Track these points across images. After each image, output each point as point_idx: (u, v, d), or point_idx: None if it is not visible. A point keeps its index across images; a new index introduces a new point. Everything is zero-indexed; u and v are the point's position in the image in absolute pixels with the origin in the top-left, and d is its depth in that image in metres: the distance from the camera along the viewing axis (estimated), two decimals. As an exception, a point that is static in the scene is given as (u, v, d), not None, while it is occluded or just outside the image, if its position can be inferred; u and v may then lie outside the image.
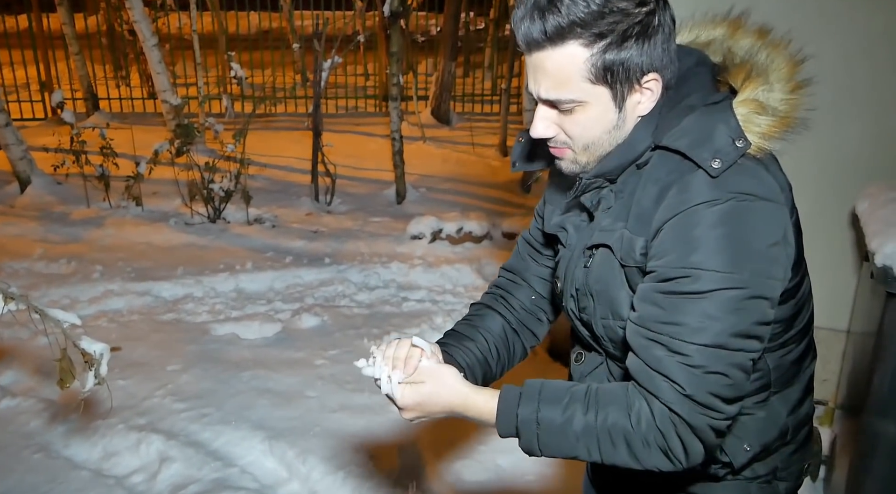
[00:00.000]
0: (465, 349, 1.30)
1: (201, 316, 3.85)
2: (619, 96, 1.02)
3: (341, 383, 3.15)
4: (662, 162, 1.03)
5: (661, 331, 0.99)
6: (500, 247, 4.87)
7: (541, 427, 1.04)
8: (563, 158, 1.11)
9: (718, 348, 0.96)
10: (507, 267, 1.42)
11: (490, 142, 7.98)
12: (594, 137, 1.06)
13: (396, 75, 5.89)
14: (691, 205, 0.97)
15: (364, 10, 8.96)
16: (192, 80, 9.49)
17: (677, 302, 0.98)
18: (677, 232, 0.98)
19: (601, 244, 1.10)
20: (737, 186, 0.97)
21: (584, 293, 1.14)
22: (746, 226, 0.96)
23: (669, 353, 0.98)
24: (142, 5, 6.50)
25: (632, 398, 1.01)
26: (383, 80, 9.60)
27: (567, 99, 1.02)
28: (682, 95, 1.04)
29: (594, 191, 1.11)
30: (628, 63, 0.99)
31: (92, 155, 5.52)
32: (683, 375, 0.97)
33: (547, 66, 1.00)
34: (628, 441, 1.00)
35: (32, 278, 4.29)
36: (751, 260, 0.97)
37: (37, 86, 8.90)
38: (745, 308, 0.97)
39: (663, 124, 1.03)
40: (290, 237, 5.03)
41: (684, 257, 0.97)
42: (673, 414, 0.97)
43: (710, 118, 1.01)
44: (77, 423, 2.84)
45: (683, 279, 0.97)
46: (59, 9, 8.52)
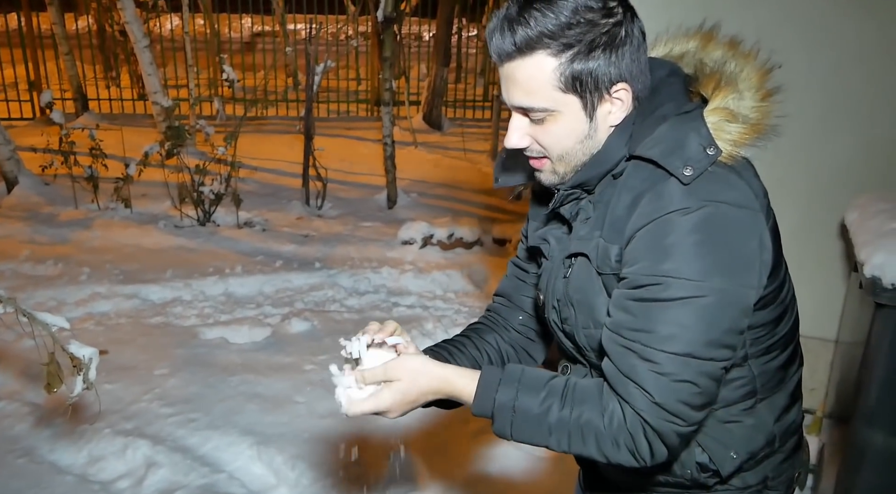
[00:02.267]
0: (460, 350, 1.32)
1: (190, 320, 3.83)
2: (590, 105, 1.04)
3: (331, 388, 3.12)
4: (636, 171, 1.04)
5: (632, 338, 1.00)
6: (491, 254, 4.88)
7: (516, 414, 1.06)
8: (542, 170, 1.13)
9: (688, 357, 0.97)
10: (499, 292, 1.44)
11: (481, 148, 8.00)
12: (567, 147, 1.07)
13: (389, 80, 5.90)
14: (664, 213, 0.98)
15: (357, 15, 8.97)
16: (184, 82, 9.46)
17: (649, 310, 0.99)
18: (650, 239, 0.99)
19: (579, 253, 1.11)
20: (709, 194, 0.98)
21: (564, 303, 1.16)
22: (720, 233, 0.97)
23: (641, 360, 0.99)
24: (134, 6, 6.49)
25: (606, 399, 1.03)
26: (375, 84, 9.61)
27: (538, 107, 1.04)
28: (655, 105, 1.06)
29: (573, 202, 1.13)
30: (596, 72, 1.01)
31: (81, 156, 5.50)
32: (654, 383, 0.98)
33: (517, 75, 1.03)
34: (598, 439, 1.02)
35: (18, 280, 4.26)
36: (724, 268, 0.97)
37: (25, 85, 8.85)
38: (716, 316, 0.97)
39: (637, 134, 1.05)
40: (281, 241, 5.02)
41: (656, 264, 0.98)
42: (643, 421, 0.99)
43: (682, 127, 1.02)
44: (62, 427, 2.81)
45: (655, 286, 0.98)
46: (50, 8, 8.49)
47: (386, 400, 1.13)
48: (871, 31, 2.60)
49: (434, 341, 3.65)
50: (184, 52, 8.36)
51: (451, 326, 3.75)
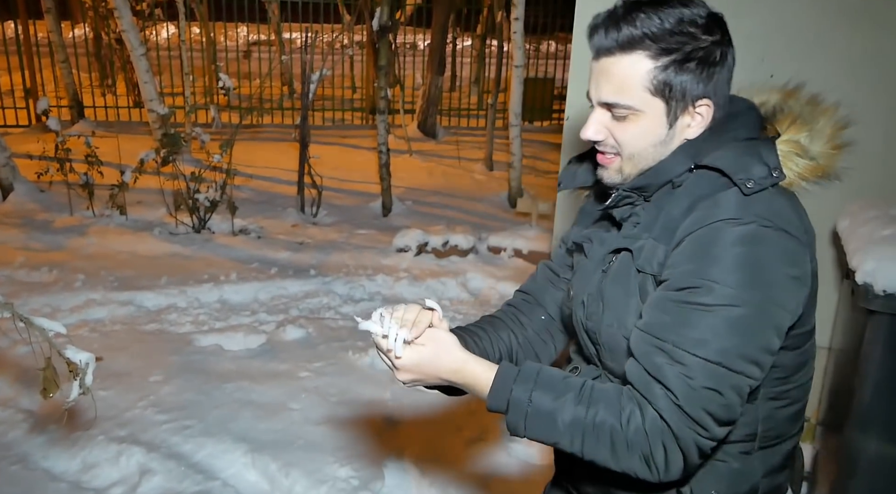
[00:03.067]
0: (475, 340, 1.32)
1: (185, 327, 3.81)
2: (672, 113, 1.08)
3: (325, 395, 3.14)
4: (698, 180, 1.08)
5: (665, 339, 1.00)
6: (486, 262, 4.88)
7: (531, 409, 1.05)
8: (608, 167, 1.15)
9: (718, 365, 0.98)
10: (523, 289, 1.45)
11: (476, 156, 8.02)
12: (640, 148, 1.10)
13: (384, 89, 5.92)
14: (716, 220, 1.01)
15: (353, 24, 8.99)
16: (180, 90, 9.47)
17: (686, 312, 1.00)
18: (698, 244, 1.02)
19: (623, 248, 1.13)
20: (763, 212, 1.01)
21: (595, 298, 1.17)
22: (766, 251, 1.00)
23: (670, 362, 0.99)
24: (130, 15, 6.49)
25: (625, 401, 1.02)
26: (370, 93, 9.63)
27: (625, 104, 1.07)
28: (729, 129, 1.10)
29: (627, 205, 1.16)
30: (686, 83, 1.05)
31: (76, 163, 5.48)
32: (680, 386, 0.98)
33: (612, 70, 1.06)
34: (613, 441, 1.01)
35: (13, 286, 4.24)
36: (764, 285, 0.99)
37: (22, 93, 8.84)
38: (751, 330, 0.99)
39: (706, 150, 1.08)
40: (276, 248, 5.02)
41: (701, 269, 1.00)
42: (662, 422, 0.98)
43: (753, 148, 1.07)
44: (56, 434, 2.80)
45: (696, 289, 1.00)
46: (47, 16, 8.48)
47: (404, 357, 1.12)
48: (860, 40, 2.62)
49: (429, 348, 3.65)
50: (180, 60, 8.37)
51: (445, 333, 3.75)
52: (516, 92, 6.30)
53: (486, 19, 10.15)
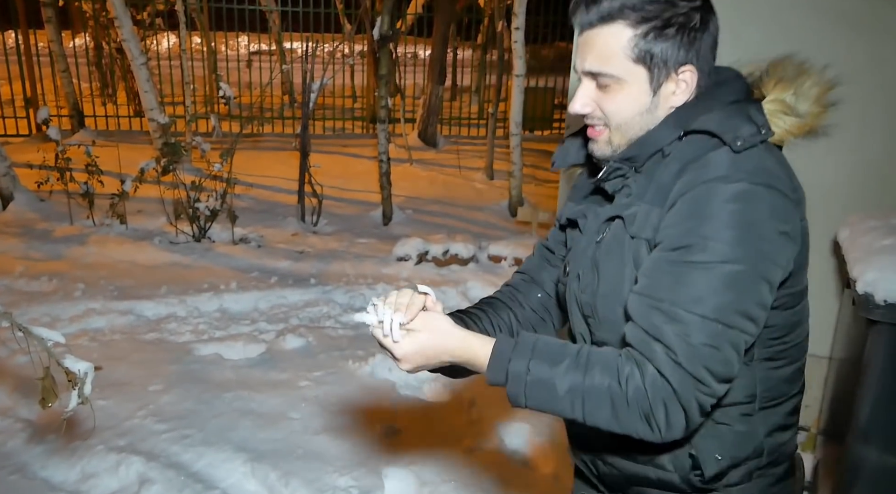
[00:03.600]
0: (475, 322, 1.34)
1: (184, 336, 3.81)
2: (655, 80, 1.11)
3: (325, 405, 3.13)
4: (688, 144, 1.10)
5: (662, 298, 1.02)
6: (486, 270, 4.88)
7: (529, 380, 1.07)
8: (597, 140, 1.18)
9: (715, 321, 0.99)
10: (522, 270, 1.48)
11: (476, 165, 8.03)
12: (627, 117, 1.13)
13: (384, 98, 5.93)
14: (708, 180, 1.03)
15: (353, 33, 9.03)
16: (180, 99, 9.50)
17: (682, 271, 1.01)
18: (691, 203, 1.03)
19: (616, 216, 1.15)
20: (753, 169, 1.03)
21: (589, 270, 1.19)
22: (757, 208, 1.01)
23: (668, 321, 1.00)
24: (131, 24, 6.52)
25: (623, 361, 1.03)
26: (371, 102, 9.66)
27: (609, 73, 1.10)
28: (717, 96, 1.13)
29: (618, 178, 1.17)
30: (667, 49, 1.08)
31: (77, 172, 5.49)
32: (679, 343, 0.99)
33: (595, 41, 1.10)
34: (613, 402, 1.01)
35: (12, 296, 4.24)
36: (757, 241, 1.01)
37: (22, 102, 8.87)
38: (745, 286, 1.00)
39: (693, 115, 1.11)
40: (276, 257, 5.02)
41: (695, 228, 1.02)
42: (663, 380, 0.99)
43: (741, 109, 1.09)
44: (55, 444, 2.79)
45: (690, 247, 1.01)
46: (48, 26, 8.52)
47: (404, 347, 1.14)
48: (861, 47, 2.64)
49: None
50: (181, 69, 8.40)
51: (446, 342, 3.75)
52: (517, 101, 6.32)
53: (487, 29, 10.19)
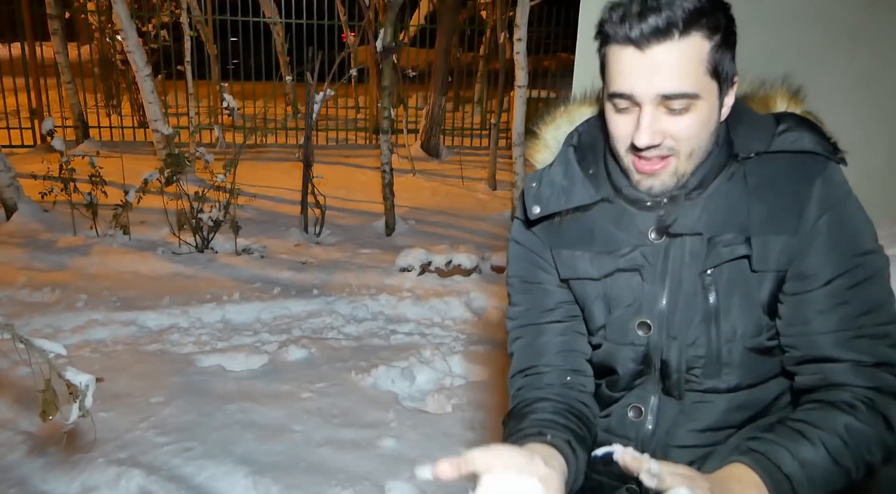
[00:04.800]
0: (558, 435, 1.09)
1: (186, 347, 3.79)
2: (721, 94, 1.04)
3: (328, 417, 3.11)
4: (773, 164, 1.06)
5: (862, 324, 1.01)
6: (489, 281, 4.86)
7: (805, 474, 0.96)
8: (660, 174, 1.05)
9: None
10: (517, 370, 1.23)
11: (479, 175, 8.03)
12: (701, 139, 1.03)
13: (387, 109, 5.94)
14: (839, 198, 1.04)
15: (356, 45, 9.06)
16: (184, 110, 9.52)
17: (862, 292, 1.02)
18: (839, 227, 1.03)
19: (733, 258, 1.06)
20: (842, 173, 1.08)
21: (702, 322, 1.08)
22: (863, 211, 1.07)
23: (879, 342, 1.01)
24: (136, 36, 6.54)
25: (841, 410, 1.01)
26: (374, 112, 9.68)
27: (690, 92, 0.98)
28: (745, 113, 1.10)
29: (675, 206, 1.08)
30: (727, 59, 1.01)
31: (81, 183, 5.50)
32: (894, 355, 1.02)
33: (667, 59, 0.97)
34: (870, 441, 0.99)
35: (15, 306, 4.23)
36: (876, 238, 1.06)
37: (27, 113, 8.90)
38: (890, 277, 1.05)
39: (741, 133, 1.08)
40: (279, 268, 5.01)
41: (852, 248, 1.02)
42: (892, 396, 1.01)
43: (802, 124, 1.08)
44: (56, 457, 2.77)
45: (857, 269, 1.02)
46: (54, 38, 8.57)
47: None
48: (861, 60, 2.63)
49: (432, 368, 3.65)
50: (184, 80, 8.43)
51: (449, 354, 3.73)
52: (519, 112, 6.31)
53: (489, 40, 10.21)
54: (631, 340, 1.14)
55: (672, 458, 1.12)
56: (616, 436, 1.18)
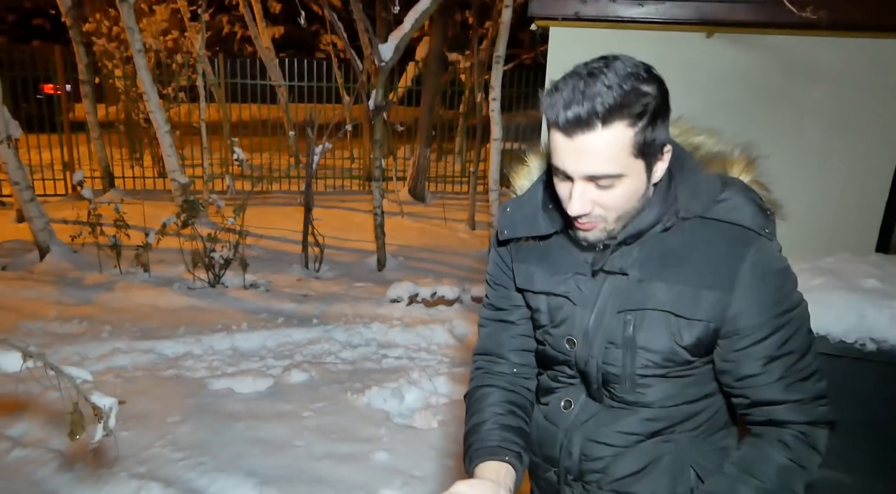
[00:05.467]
0: (520, 452, 1.19)
1: (200, 372, 3.77)
2: (649, 167, 1.02)
3: (326, 433, 3.09)
4: (713, 227, 1.08)
5: (797, 368, 1.08)
6: (470, 310, 4.88)
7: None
8: (592, 230, 1.07)
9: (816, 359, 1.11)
10: (480, 351, 1.34)
11: (460, 217, 8.09)
12: (628, 207, 1.04)
13: (379, 159, 6.00)
14: (770, 264, 1.06)
15: (351, 104, 9.18)
16: (199, 162, 9.55)
17: (791, 343, 1.07)
18: (767, 290, 1.06)
19: (647, 309, 1.09)
20: (777, 245, 1.10)
21: (619, 346, 1.12)
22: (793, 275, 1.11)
23: (808, 380, 1.09)
24: (157, 98, 6.60)
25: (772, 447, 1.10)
26: (367, 162, 9.76)
27: (613, 173, 0.98)
28: (695, 177, 1.09)
29: (616, 254, 1.10)
30: (655, 136, 0.99)
31: (106, 226, 5.49)
32: (821, 389, 1.10)
33: (594, 146, 0.96)
34: (801, 475, 1.09)
35: (46, 337, 4.19)
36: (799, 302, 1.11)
37: (60, 165, 8.89)
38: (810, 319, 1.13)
39: (681, 192, 1.08)
40: (282, 300, 5.00)
41: (781, 308, 1.07)
42: (827, 426, 1.11)
43: (745, 196, 1.09)
44: (82, 472, 2.73)
45: (788, 325, 1.07)
46: (85, 100, 8.61)
47: None
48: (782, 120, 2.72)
49: (420, 388, 3.63)
50: (199, 136, 8.48)
51: (434, 375, 3.72)
52: (495, 161, 6.41)
53: (468, 99, 10.38)
54: (562, 349, 1.20)
55: (590, 451, 1.19)
56: (550, 422, 1.25)
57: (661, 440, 1.16)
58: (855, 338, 1.82)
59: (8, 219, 7.06)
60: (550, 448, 1.24)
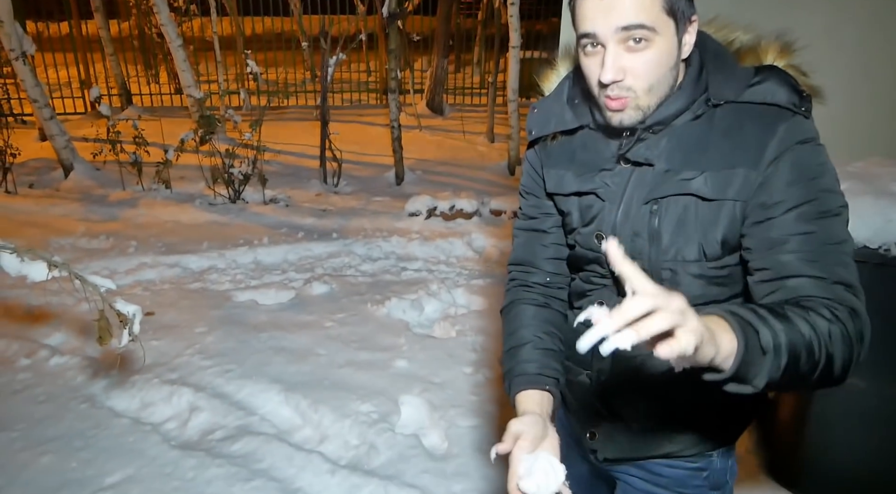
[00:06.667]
0: (544, 371, 1.19)
1: (224, 285, 3.84)
2: (679, 31, 0.98)
3: (348, 342, 3.16)
4: (741, 112, 1.03)
5: (826, 250, 0.98)
6: (488, 223, 4.86)
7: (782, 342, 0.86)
8: (623, 109, 1.02)
9: (853, 261, 0.99)
10: (514, 261, 1.32)
11: (479, 130, 7.93)
12: (660, 75, 0.99)
13: (395, 70, 5.83)
14: (803, 140, 0.99)
15: (365, 13, 8.84)
16: (214, 77, 9.39)
17: (822, 222, 0.98)
18: (800, 165, 0.98)
19: (674, 196, 1.05)
20: (814, 125, 1.02)
21: (646, 236, 1.09)
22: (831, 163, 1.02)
23: (838, 264, 0.97)
24: (168, 11, 6.40)
25: (823, 309, 0.93)
26: (383, 75, 9.51)
27: (648, 24, 0.94)
28: (727, 65, 1.05)
29: (641, 143, 1.06)
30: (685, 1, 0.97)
31: (126, 144, 5.48)
32: (855, 281, 0.97)
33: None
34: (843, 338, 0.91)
35: (76, 253, 4.28)
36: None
37: (77, 84, 8.80)
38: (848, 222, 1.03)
39: (717, 80, 1.04)
40: (302, 215, 5.02)
41: (813, 184, 0.98)
42: (858, 314, 0.94)
43: (781, 78, 1.03)
44: (117, 378, 2.85)
45: (819, 201, 0.98)
46: (96, 15, 8.41)
47: None
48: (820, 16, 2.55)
49: (439, 300, 3.67)
50: (213, 50, 8.28)
51: (453, 287, 3.76)
52: (514, 71, 6.20)
53: (486, 6, 9.94)
54: (592, 247, 1.18)
55: (622, 351, 1.13)
56: (584, 327, 1.21)
57: None
58: (879, 244, 1.78)
59: (31, 137, 7.07)
60: (579, 352, 1.22)
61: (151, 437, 2.50)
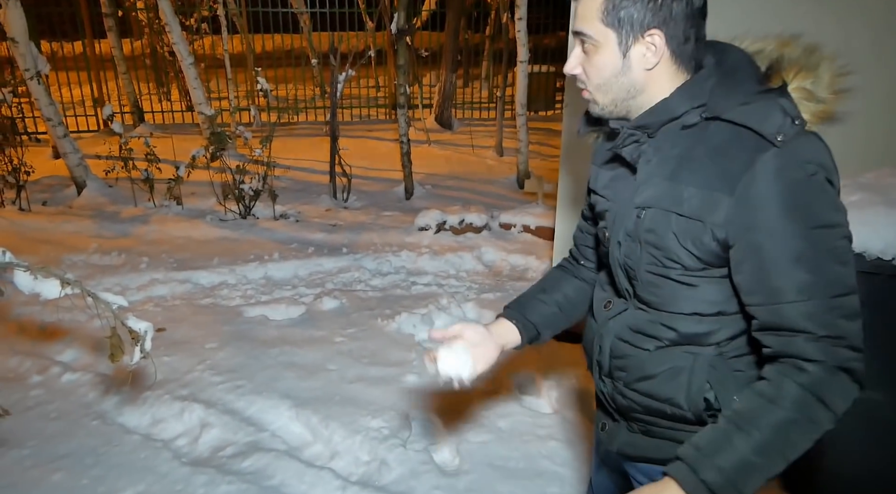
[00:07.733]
0: (545, 305, 1.40)
1: (235, 301, 3.85)
2: (624, 43, 1.06)
3: (358, 357, 3.16)
4: (728, 131, 1.04)
5: (823, 295, 1.00)
6: (498, 237, 4.86)
7: (736, 473, 0.99)
8: (588, 99, 1.16)
9: None
10: (569, 252, 1.50)
11: (487, 143, 7.96)
12: (603, 79, 1.10)
13: (403, 86, 5.87)
14: (790, 171, 0.99)
15: (374, 29, 8.92)
16: (225, 94, 9.49)
17: (808, 263, 0.99)
18: (777, 196, 0.99)
19: (656, 206, 1.10)
20: (802, 155, 1.00)
21: (632, 240, 1.15)
22: (816, 195, 1.01)
23: (831, 312, 1.01)
24: (180, 29, 6.49)
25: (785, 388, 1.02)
26: (392, 90, 9.57)
27: (586, 33, 1.08)
28: (739, 80, 1.06)
29: (633, 144, 1.14)
30: (634, 13, 1.03)
31: (138, 161, 5.54)
32: (853, 329, 1.04)
33: (582, 5, 1.08)
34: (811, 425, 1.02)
35: (88, 269, 4.31)
36: None
37: (90, 102, 8.92)
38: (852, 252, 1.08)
39: (716, 97, 1.06)
40: (312, 230, 5.04)
41: (792, 216, 0.99)
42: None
43: (771, 102, 1.02)
44: (128, 394, 2.86)
45: (805, 239, 0.99)
46: (109, 34, 8.55)
47: None
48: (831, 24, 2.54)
49: (449, 314, 3.66)
50: (224, 68, 8.38)
51: (463, 301, 3.75)
52: (522, 85, 6.23)
53: (494, 21, 10.01)
54: (603, 243, 1.28)
55: (617, 349, 1.23)
56: (592, 318, 1.34)
57: (682, 350, 1.15)
58: (893, 255, 1.76)
59: (45, 155, 7.17)
60: (590, 344, 1.31)
61: (162, 454, 2.50)
